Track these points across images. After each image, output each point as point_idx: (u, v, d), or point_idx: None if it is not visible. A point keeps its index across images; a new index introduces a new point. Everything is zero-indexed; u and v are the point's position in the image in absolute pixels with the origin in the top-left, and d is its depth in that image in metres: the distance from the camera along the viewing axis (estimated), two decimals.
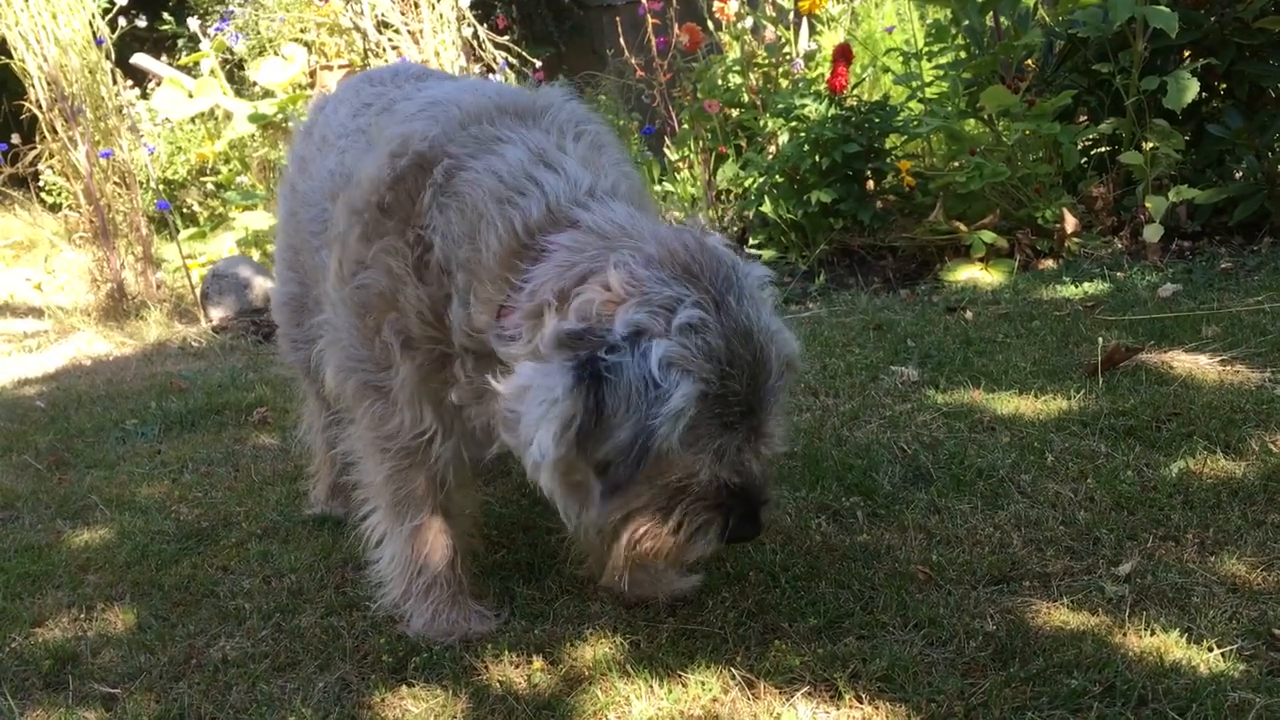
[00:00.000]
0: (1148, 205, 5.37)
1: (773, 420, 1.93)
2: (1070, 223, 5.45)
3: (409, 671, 2.17)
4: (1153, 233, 5.23)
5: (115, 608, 2.59)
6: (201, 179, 9.32)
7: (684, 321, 1.79)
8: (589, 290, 1.84)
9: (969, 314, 4.61)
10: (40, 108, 6.00)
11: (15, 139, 6.93)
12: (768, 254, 6.09)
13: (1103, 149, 6.03)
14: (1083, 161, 5.93)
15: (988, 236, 5.39)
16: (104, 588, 2.72)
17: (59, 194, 8.49)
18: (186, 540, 2.95)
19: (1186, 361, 3.57)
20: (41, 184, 9.23)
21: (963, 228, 5.51)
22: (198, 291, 6.47)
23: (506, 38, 7.68)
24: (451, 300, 2.06)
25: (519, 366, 1.89)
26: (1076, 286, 4.88)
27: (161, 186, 8.91)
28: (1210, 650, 1.94)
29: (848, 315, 4.89)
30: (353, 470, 2.45)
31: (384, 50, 7.16)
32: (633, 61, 7.33)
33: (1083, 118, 6.05)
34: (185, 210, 9.70)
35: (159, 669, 2.28)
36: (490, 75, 7.35)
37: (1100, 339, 3.69)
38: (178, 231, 7.38)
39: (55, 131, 6.06)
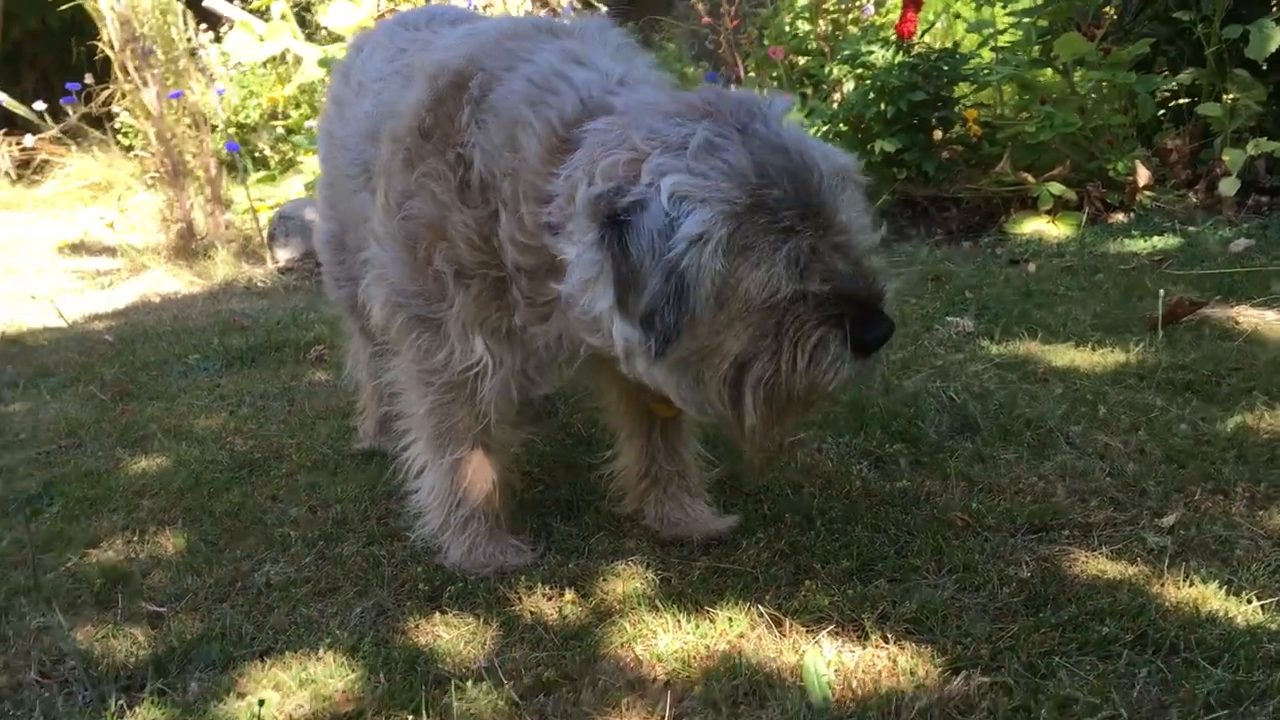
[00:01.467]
0: (1225, 158, 5.21)
1: (845, 216, 1.85)
2: (1143, 175, 5.31)
3: (443, 600, 2.21)
4: (1229, 186, 5.08)
5: (167, 532, 2.66)
6: (272, 123, 9.40)
7: (697, 146, 1.78)
8: (613, 154, 1.85)
9: (1032, 266, 4.53)
10: (113, 48, 6.09)
11: (89, 79, 7.06)
12: None
13: (1181, 100, 5.86)
14: (1159, 113, 5.77)
15: (1056, 188, 5.27)
16: (157, 513, 2.79)
17: (134, 136, 8.62)
18: (239, 470, 3.01)
19: (1253, 316, 3.48)
20: (118, 126, 9.39)
21: (1030, 179, 5.39)
22: (264, 233, 6.56)
23: None
24: (499, 217, 2.06)
25: (568, 254, 1.90)
26: (1145, 240, 4.76)
27: (233, 130, 9.01)
28: (1249, 602, 1.90)
29: (907, 266, 4.82)
30: (395, 401, 2.47)
31: None
32: (699, 6, 7.23)
33: (1162, 68, 5.88)
34: (256, 154, 9.81)
35: (205, 590, 2.34)
36: (554, 13, 7.31)
37: (1163, 293, 3.60)
38: (247, 174, 7.48)
39: (127, 72, 6.14)
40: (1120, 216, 5.31)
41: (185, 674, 2.03)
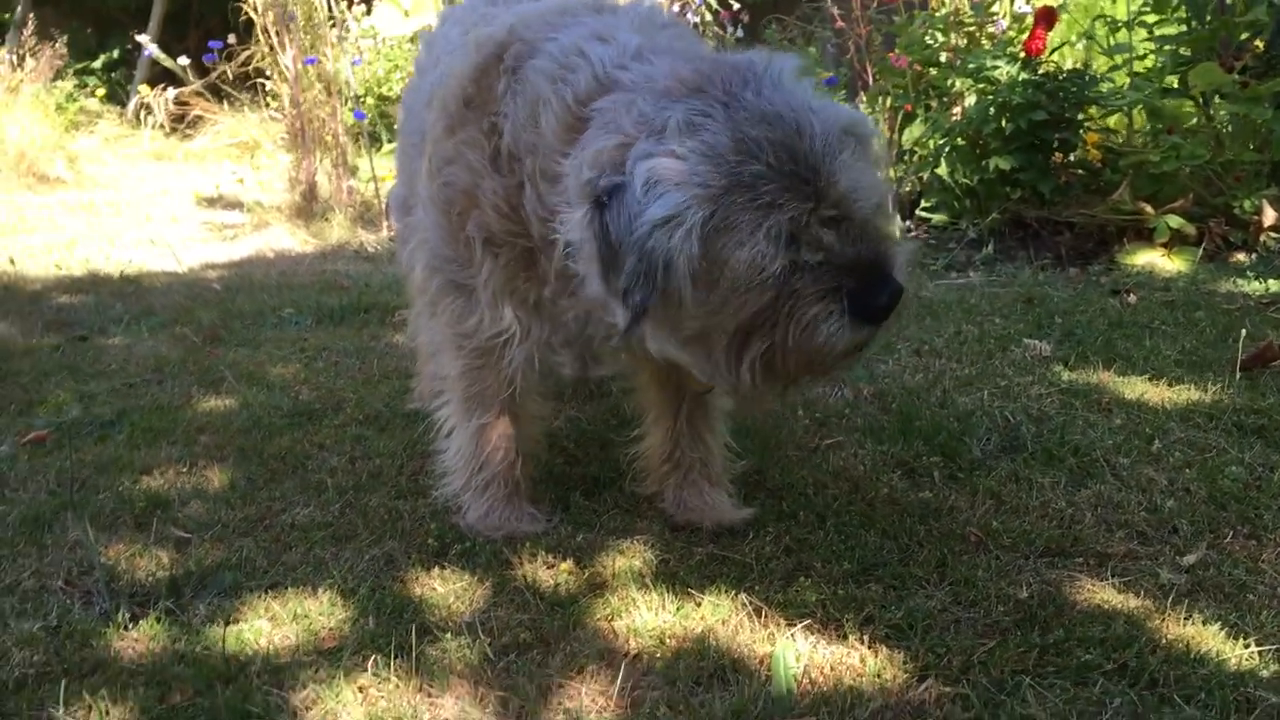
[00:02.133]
0: None
1: (843, 180, 1.82)
2: (1269, 216, 5.08)
3: (449, 556, 2.26)
4: None
5: (215, 467, 2.78)
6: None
7: (675, 129, 1.80)
8: (604, 139, 1.87)
9: (1132, 298, 4.38)
10: (256, 10, 6.36)
11: (232, 39, 7.38)
12: (939, 218, 5.91)
13: None
14: None
15: (1174, 221, 5.08)
16: (212, 449, 2.92)
17: (275, 99, 8.98)
18: (297, 417, 3.13)
19: None
20: (270, 89, 9.79)
21: (1149, 210, 5.21)
22: (383, 202, 6.77)
23: None
24: (525, 189, 2.10)
25: (567, 236, 1.94)
26: (1261, 282, 4.56)
27: (375, 101, 9.29)
28: (1246, 647, 1.83)
29: (1004, 287, 4.72)
30: (432, 361, 2.54)
31: None
32: (833, 10, 7.17)
33: None
34: (397, 126, 10.09)
35: (234, 524, 2.45)
36: (684, 13, 7.34)
37: (1244, 332, 3.45)
38: (376, 143, 7.70)
39: (268, 34, 6.40)
40: (1241, 256, 5.09)
41: (197, 598, 2.13)
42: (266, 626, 2.00)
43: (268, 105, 9.60)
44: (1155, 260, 5.08)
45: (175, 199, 8.19)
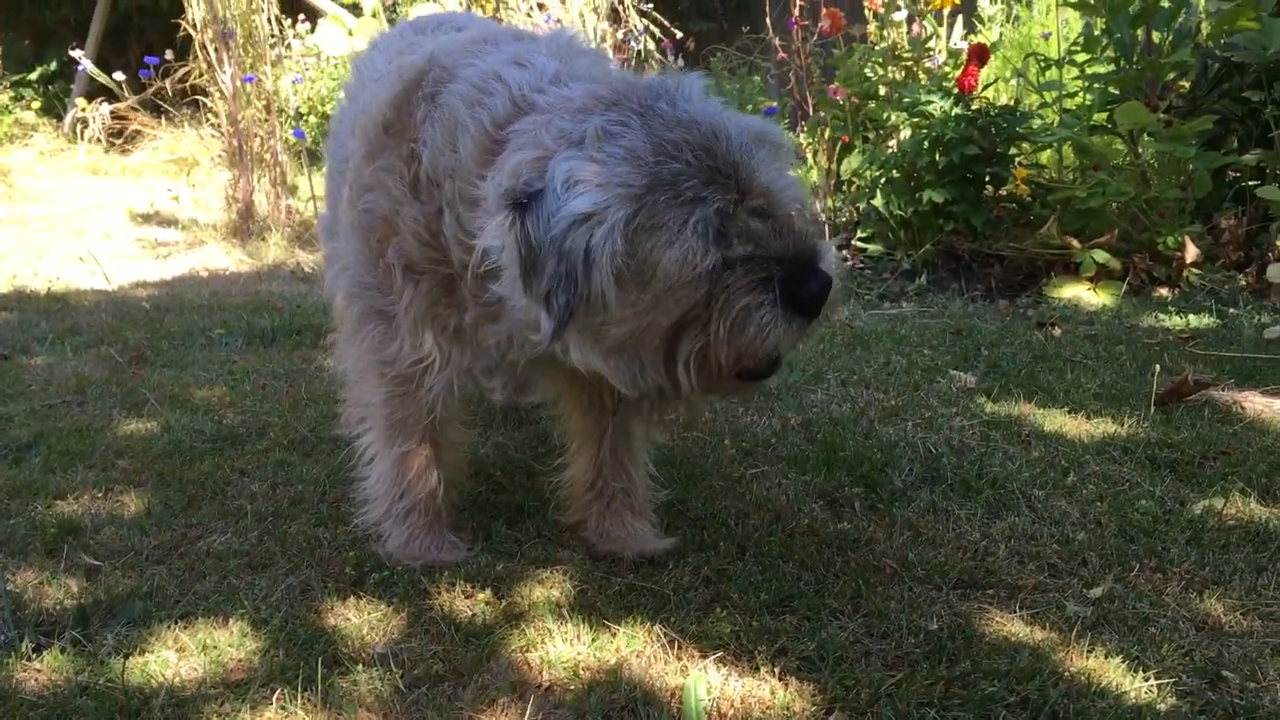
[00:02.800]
0: (1279, 243, 5.09)
1: (764, 176, 1.86)
2: (1191, 252, 5.20)
3: (366, 585, 2.25)
4: (1276, 273, 4.95)
5: (133, 492, 2.74)
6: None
7: (592, 136, 1.83)
8: (522, 153, 1.89)
9: (1057, 331, 4.46)
10: (195, 27, 6.31)
11: (169, 55, 7.31)
12: (874, 248, 5.99)
13: (1247, 181, 5.73)
14: (1223, 191, 5.64)
15: (1100, 256, 5.19)
16: (130, 473, 2.88)
17: (206, 97, 8.89)
18: (219, 441, 3.10)
19: (1259, 404, 3.39)
20: (210, 105, 9.70)
21: (1075, 244, 5.31)
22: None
23: (651, 5, 7.71)
24: (444, 214, 2.10)
25: (487, 245, 1.94)
26: (1181, 317, 4.67)
27: (317, 119, 9.23)
28: (1147, 680, 1.86)
29: (934, 318, 4.79)
30: (352, 389, 2.53)
31: (531, 8, 7.27)
32: (776, 42, 7.26)
33: (1230, 145, 5.76)
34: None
35: (147, 551, 2.41)
36: (627, 41, 7.40)
37: (1157, 368, 3.53)
38: (315, 162, 7.65)
39: (206, 51, 6.36)
40: (1164, 291, 5.20)
41: (106, 627, 2.09)
42: (174, 658, 1.97)
43: (207, 122, 9.53)
44: (1081, 294, 5.18)
45: (109, 214, 8.07)
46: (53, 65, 11.29)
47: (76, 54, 8.23)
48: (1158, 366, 3.51)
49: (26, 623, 2.09)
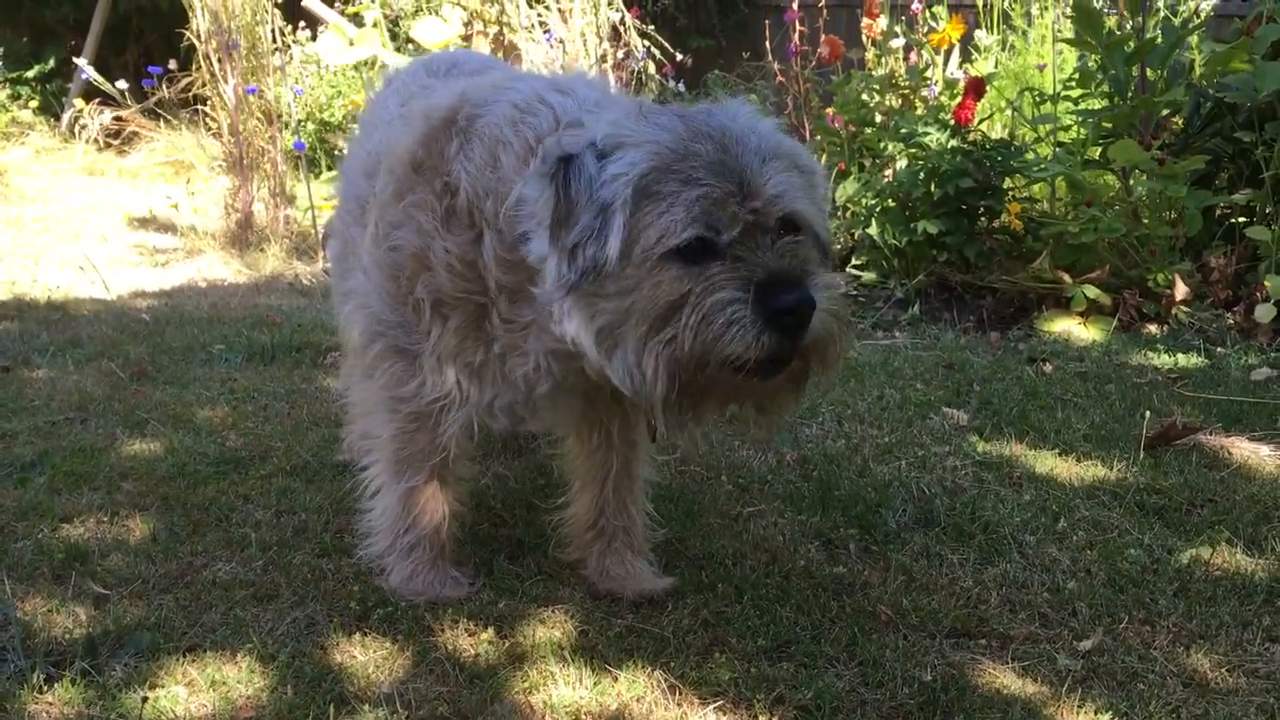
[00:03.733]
0: (1266, 284, 5.16)
1: (772, 189, 1.91)
2: (1181, 290, 5.27)
3: (371, 621, 2.29)
4: (1264, 313, 5.02)
5: (138, 517, 2.78)
6: (353, 125, 9.67)
7: (634, 112, 1.98)
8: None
9: (1048, 367, 4.52)
10: (199, 37, 6.35)
11: (173, 65, 7.34)
12: (868, 276, 6.05)
13: (1237, 220, 5.80)
14: (1212, 229, 5.71)
15: (1091, 292, 5.25)
16: (135, 496, 2.91)
17: (210, 107, 8.92)
18: (223, 465, 3.13)
19: (1246, 450, 3.45)
20: (208, 110, 9.72)
21: (1067, 279, 5.38)
22: (320, 232, 6.76)
23: (651, 27, 7.77)
24: (483, 239, 2.16)
25: (526, 196, 2.03)
26: (1170, 356, 4.73)
27: (315, 127, 9.27)
28: None
29: (927, 350, 4.85)
30: (362, 421, 2.57)
31: (533, 25, 7.32)
32: (775, 66, 7.33)
33: (1221, 183, 5.84)
34: (337, 152, 10.08)
35: (154, 579, 2.45)
36: (628, 61, 7.46)
37: (1148, 415, 3.60)
38: (314, 171, 7.69)
39: (210, 62, 6.39)
40: (1153, 328, 5.27)
41: (114, 658, 2.13)
42: (183, 693, 2.01)
43: (205, 127, 9.54)
44: (1072, 328, 5.25)
45: (105, 217, 8.07)
46: (50, 64, 11.27)
47: (80, 61, 8.22)
48: (1148, 413, 3.57)
49: (37, 652, 2.12)
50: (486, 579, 2.50)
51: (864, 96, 6.73)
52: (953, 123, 5.74)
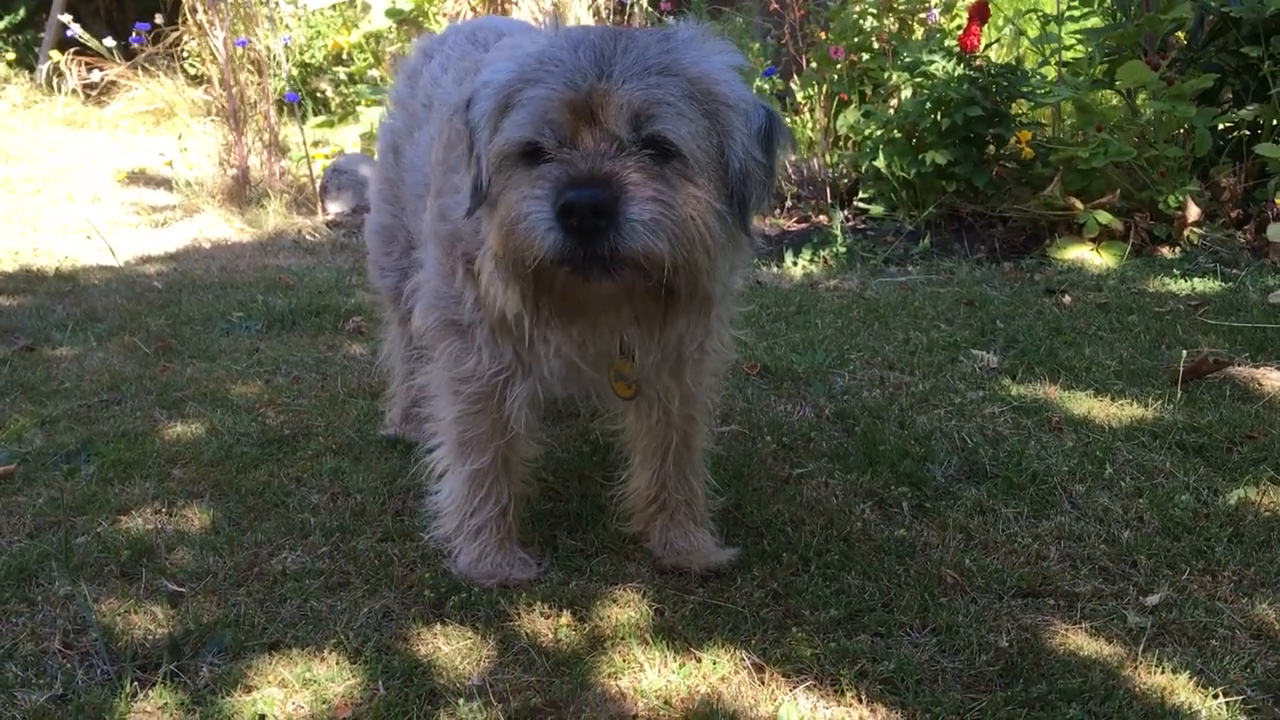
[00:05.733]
0: (1278, 201, 5.18)
1: (624, 89, 1.85)
2: (1193, 211, 5.28)
3: (447, 609, 2.31)
4: (1276, 231, 5.04)
5: (194, 506, 2.78)
6: (336, 68, 9.51)
7: (554, 31, 2.02)
8: None
9: (1067, 299, 4.55)
10: None
11: (159, 19, 7.17)
12: (876, 209, 6.03)
13: (1242, 134, 5.79)
14: (1218, 145, 5.70)
15: (1103, 217, 5.26)
16: (187, 483, 2.91)
17: (201, 65, 8.75)
18: (268, 445, 3.13)
19: (1276, 380, 3.49)
20: (185, 54, 9.52)
21: (1079, 205, 5.38)
22: (317, 184, 6.68)
23: None
24: None
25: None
26: (1186, 281, 4.76)
27: (296, 70, 9.10)
28: (1215, 698, 1.96)
29: (944, 285, 4.86)
30: (426, 404, 2.57)
31: None
32: None
33: (1225, 100, 5.82)
34: (318, 95, 9.93)
35: (224, 572, 2.46)
36: None
37: (1190, 349, 3.62)
38: (305, 119, 7.57)
39: (195, 13, 6.25)
40: (1166, 251, 5.29)
41: (198, 658, 2.14)
42: (279, 694, 2.03)
43: (185, 71, 9.36)
44: (1085, 255, 5.26)
45: (95, 174, 7.96)
46: (20, 14, 11.01)
47: (65, 18, 8.02)
48: (1184, 352, 3.59)
49: (123, 656, 2.14)
50: (552, 558, 2.52)
51: (860, 22, 6.66)
52: (958, 50, 5.68)
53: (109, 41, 8.33)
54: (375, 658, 2.12)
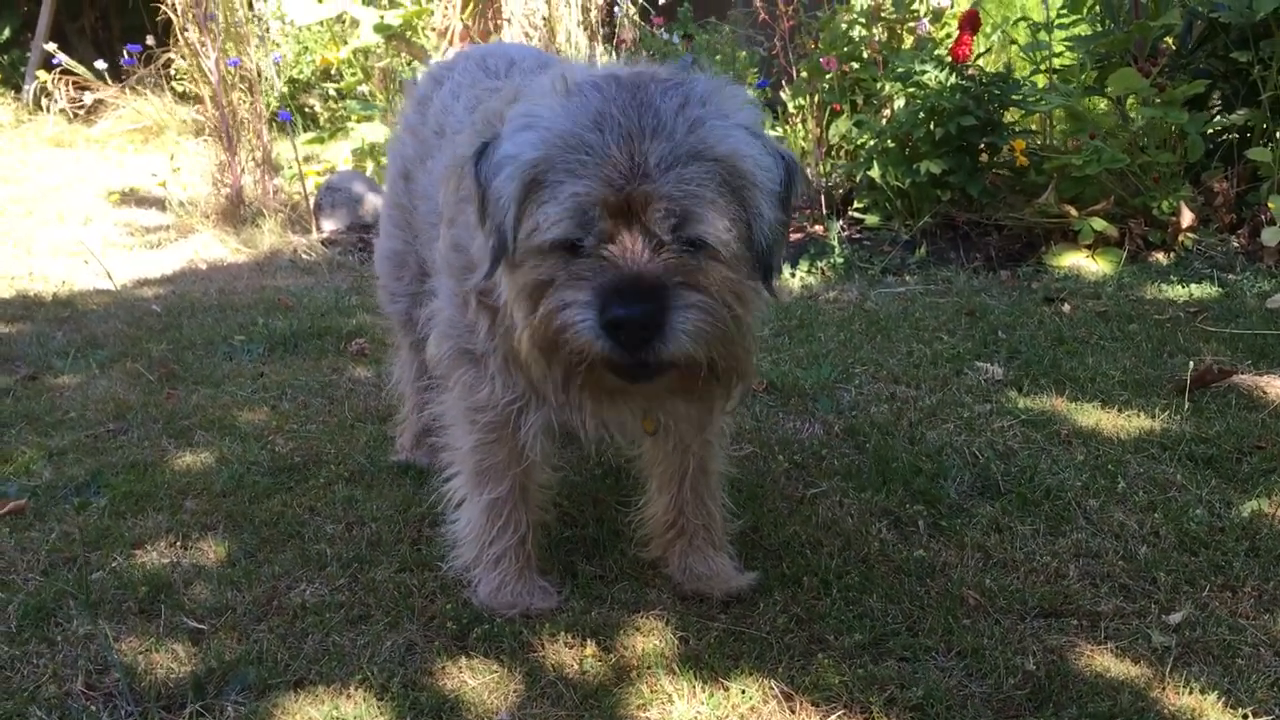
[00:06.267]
0: (1270, 206, 5.20)
1: (659, 183, 1.83)
2: (1187, 217, 5.31)
3: (470, 640, 2.30)
4: (1271, 236, 5.08)
5: (209, 538, 2.77)
6: (325, 83, 9.49)
7: (560, 87, 1.96)
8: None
9: (1066, 307, 4.57)
10: (175, 11, 6.18)
11: (150, 41, 7.15)
12: (871, 219, 6.05)
13: (1232, 137, 5.82)
14: (1209, 149, 5.73)
15: (1098, 224, 5.29)
16: (200, 515, 2.89)
17: (190, 83, 8.73)
18: (279, 474, 3.12)
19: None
20: (173, 72, 9.49)
21: (1073, 212, 5.41)
22: (311, 201, 6.66)
23: None
24: None
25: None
26: (1184, 287, 4.79)
27: (286, 87, 9.09)
28: (1246, 718, 1.97)
29: (942, 296, 4.87)
30: (442, 433, 2.57)
31: None
32: (757, 3, 7.23)
33: (1215, 104, 5.85)
34: (307, 110, 9.91)
35: (243, 607, 2.45)
36: (613, 10, 7.33)
37: (1193, 358, 3.64)
38: (295, 134, 7.55)
39: (187, 33, 6.23)
40: (1160, 256, 5.32)
41: (222, 697, 2.13)
42: None
43: (173, 90, 9.33)
44: (1081, 262, 5.29)
45: (84, 194, 7.92)
46: (4, 34, 10.95)
47: (50, 47, 7.98)
48: (1191, 362, 3.61)
49: (146, 696, 2.13)
50: (572, 585, 2.52)
51: (850, 31, 6.68)
52: (950, 60, 5.70)
53: (100, 64, 8.30)
54: (402, 694, 2.12)
